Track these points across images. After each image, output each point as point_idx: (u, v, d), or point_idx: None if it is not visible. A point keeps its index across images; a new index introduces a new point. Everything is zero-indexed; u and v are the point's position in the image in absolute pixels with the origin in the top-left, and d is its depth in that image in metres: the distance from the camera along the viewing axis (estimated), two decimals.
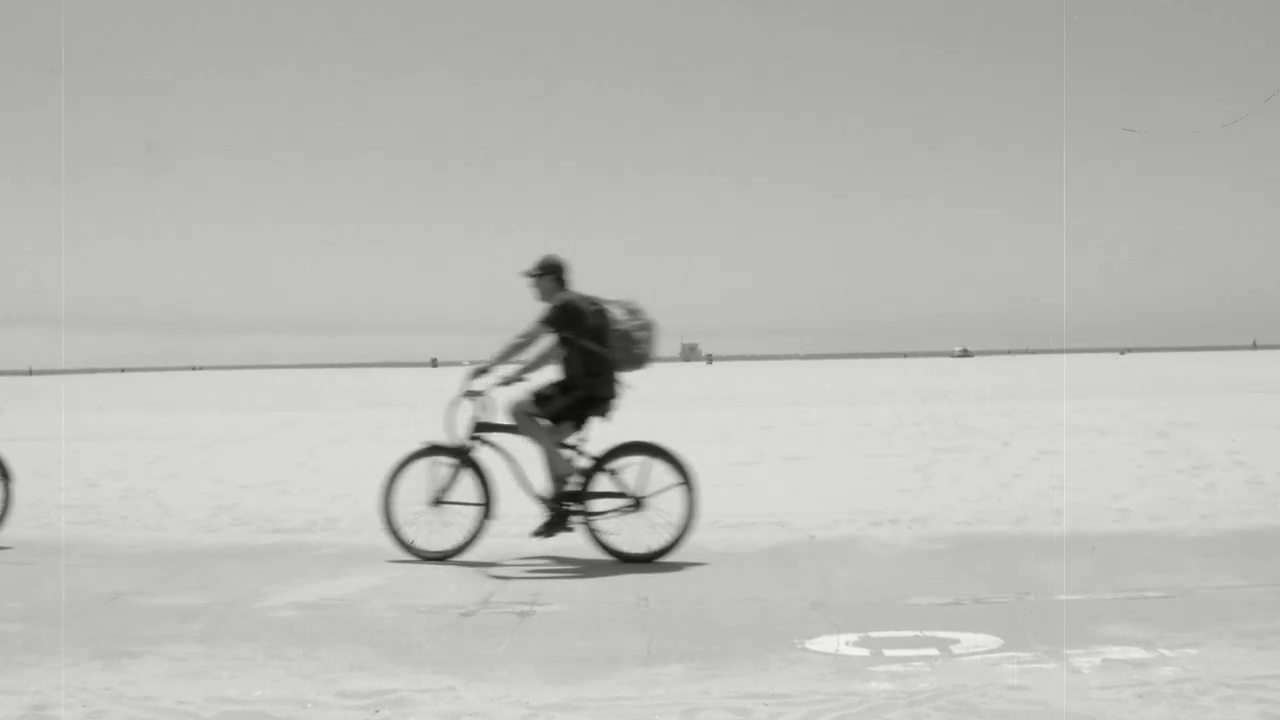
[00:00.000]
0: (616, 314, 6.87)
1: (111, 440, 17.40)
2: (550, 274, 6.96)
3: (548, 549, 7.06)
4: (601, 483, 6.77)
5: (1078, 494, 9.30)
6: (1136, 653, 4.52)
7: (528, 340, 6.78)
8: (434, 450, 6.95)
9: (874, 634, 4.90)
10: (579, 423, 6.85)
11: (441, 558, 6.77)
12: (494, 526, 7.02)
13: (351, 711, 3.97)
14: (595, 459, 6.78)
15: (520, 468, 6.87)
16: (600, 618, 5.31)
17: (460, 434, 6.95)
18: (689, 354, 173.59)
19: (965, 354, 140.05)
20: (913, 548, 7.05)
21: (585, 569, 6.53)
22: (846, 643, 4.77)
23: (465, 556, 6.79)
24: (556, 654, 4.68)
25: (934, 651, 4.61)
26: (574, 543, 6.94)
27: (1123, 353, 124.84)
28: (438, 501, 6.85)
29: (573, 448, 6.82)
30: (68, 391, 48.03)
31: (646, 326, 6.92)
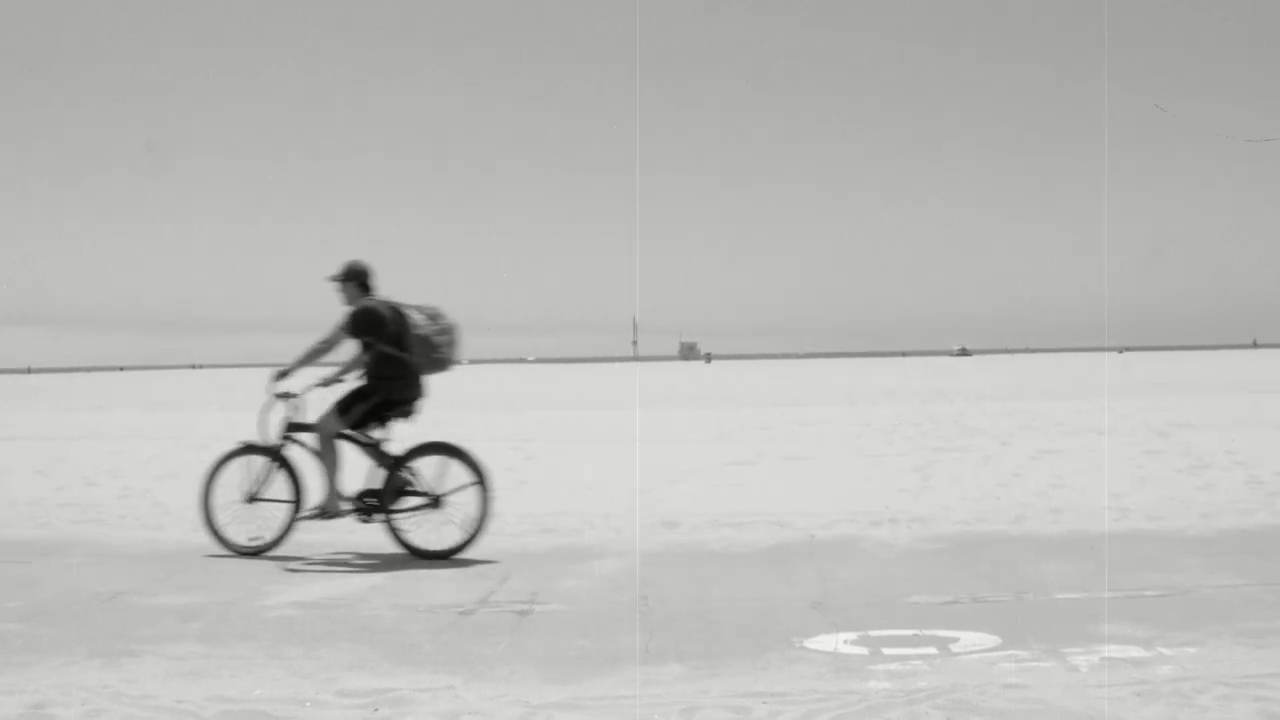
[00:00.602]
0: (416, 319, 7.05)
1: (110, 439, 17.40)
2: (354, 279, 7.15)
3: (354, 544, 7.23)
4: (401, 481, 6.96)
5: (1077, 494, 9.30)
6: (1135, 651, 4.53)
7: (328, 345, 7.01)
8: (249, 449, 7.19)
9: (873, 633, 4.90)
10: (381, 422, 7.05)
11: (255, 552, 7.01)
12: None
13: (351, 710, 3.97)
14: (396, 458, 6.97)
15: None
16: (599, 617, 5.32)
17: (272, 434, 7.15)
18: (687, 353, 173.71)
19: (964, 353, 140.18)
20: (912, 547, 7.05)
21: (584, 569, 6.54)
22: (845, 642, 4.77)
23: (279, 551, 7.02)
24: (556, 653, 4.68)
25: (933, 650, 4.62)
26: (374, 539, 7.16)
27: (1121, 351, 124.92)
28: (251, 499, 7.09)
29: (376, 446, 7.01)
30: (66, 390, 48.05)
31: (446, 331, 7.11)
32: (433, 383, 7.26)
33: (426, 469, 6.99)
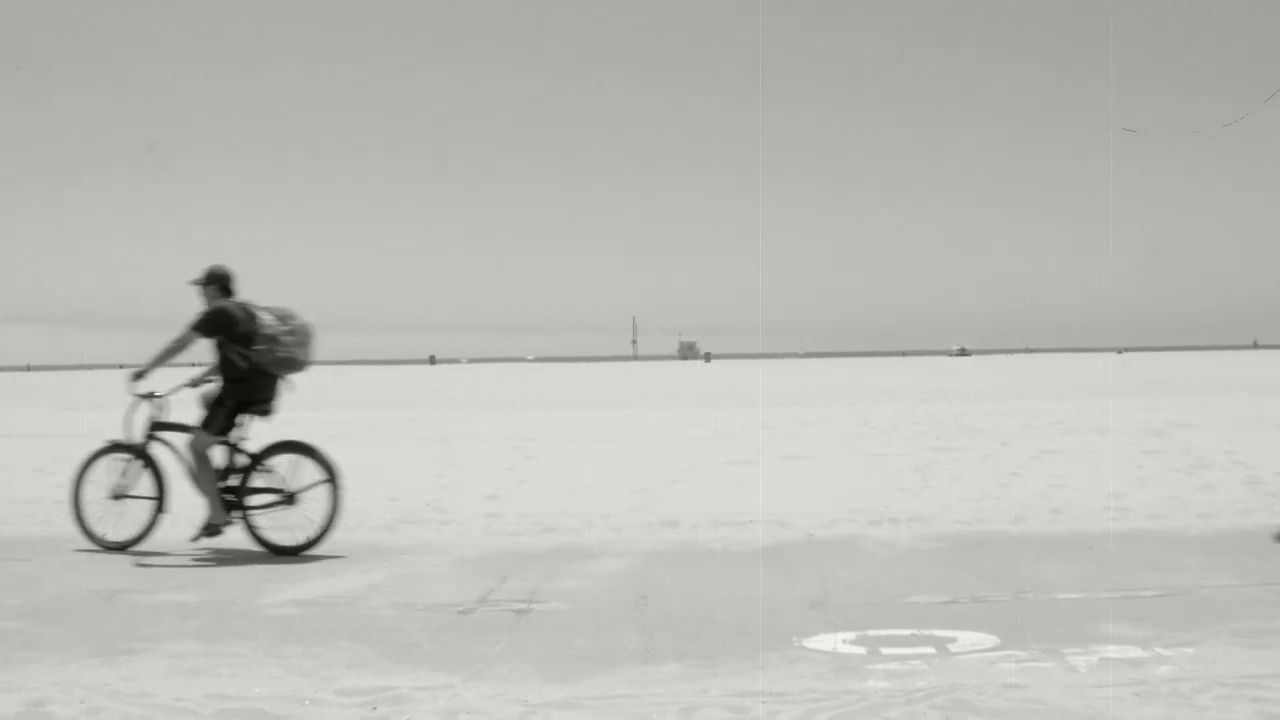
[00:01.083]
0: (266, 319, 7.21)
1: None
2: (215, 283, 7.38)
3: (212, 540, 7.32)
4: (257, 479, 7.16)
5: (1076, 494, 9.30)
6: (1134, 651, 4.53)
7: (180, 345, 7.17)
8: (115, 448, 7.42)
9: (872, 633, 4.90)
10: (238, 417, 7.24)
11: (121, 547, 7.20)
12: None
13: (349, 709, 3.97)
14: (252, 456, 7.18)
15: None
16: (599, 616, 5.32)
17: (137, 433, 7.35)
18: (687, 352, 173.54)
19: (963, 353, 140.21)
20: (911, 547, 7.05)
21: (583, 568, 6.53)
22: (844, 641, 4.77)
23: (142, 546, 7.20)
24: (555, 652, 4.68)
25: (931, 650, 4.62)
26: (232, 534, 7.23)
27: (1120, 351, 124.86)
28: (117, 495, 7.31)
29: (233, 445, 7.21)
30: (66, 388, 48.03)
31: (295, 331, 7.26)
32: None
33: (281, 467, 7.16)
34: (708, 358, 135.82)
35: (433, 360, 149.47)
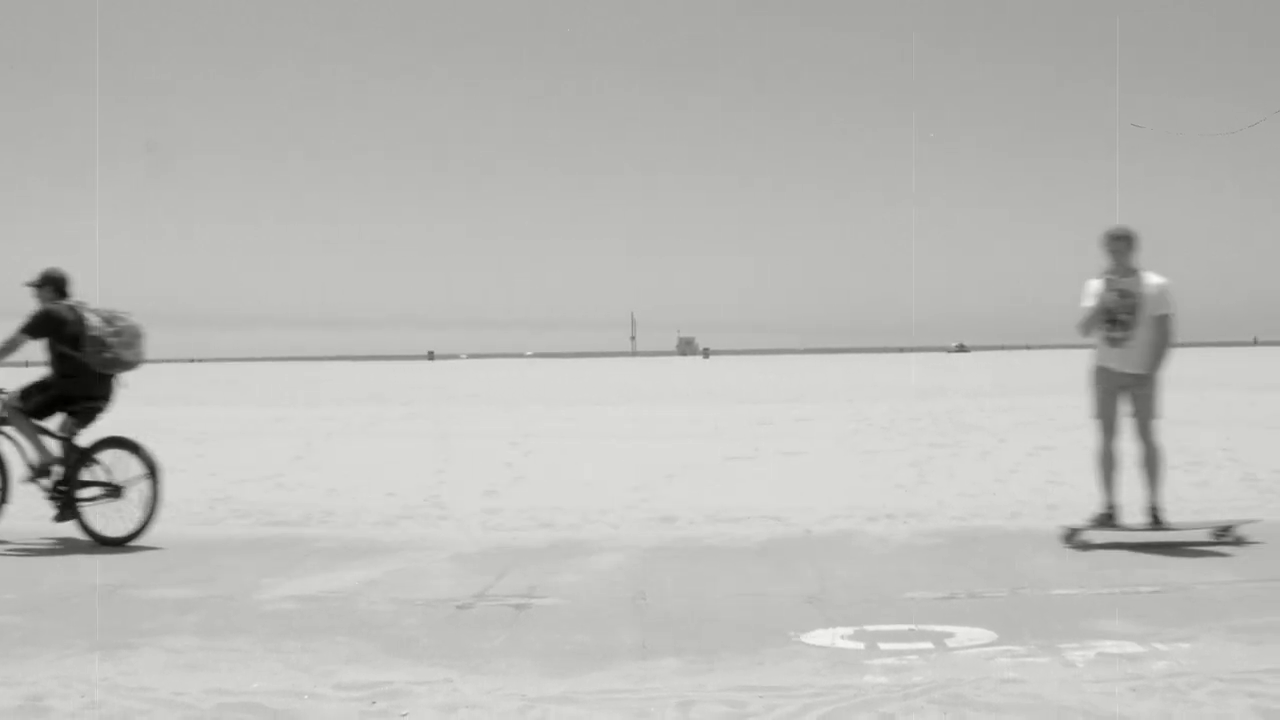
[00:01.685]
0: (93, 321, 7.44)
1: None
2: (50, 285, 7.60)
3: (53, 530, 7.61)
4: (85, 473, 7.47)
5: (1073, 490, 9.31)
6: (1130, 647, 4.54)
7: (10, 346, 7.43)
8: None
9: (869, 628, 4.91)
10: (76, 418, 7.51)
11: None
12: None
13: (348, 704, 3.98)
14: (82, 451, 7.49)
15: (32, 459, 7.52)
16: (597, 611, 5.33)
17: None
18: (685, 348, 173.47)
19: (961, 349, 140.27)
20: (908, 543, 7.06)
21: (581, 563, 6.54)
22: (842, 636, 4.79)
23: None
24: (553, 647, 4.69)
25: (929, 645, 4.63)
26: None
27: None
28: None
29: (66, 440, 7.49)
30: None
31: (121, 333, 7.50)
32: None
33: (107, 461, 7.42)
34: (706, 354, 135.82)
35: (431, 356, 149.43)
